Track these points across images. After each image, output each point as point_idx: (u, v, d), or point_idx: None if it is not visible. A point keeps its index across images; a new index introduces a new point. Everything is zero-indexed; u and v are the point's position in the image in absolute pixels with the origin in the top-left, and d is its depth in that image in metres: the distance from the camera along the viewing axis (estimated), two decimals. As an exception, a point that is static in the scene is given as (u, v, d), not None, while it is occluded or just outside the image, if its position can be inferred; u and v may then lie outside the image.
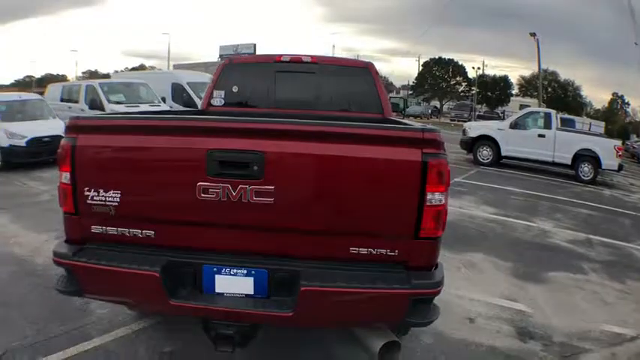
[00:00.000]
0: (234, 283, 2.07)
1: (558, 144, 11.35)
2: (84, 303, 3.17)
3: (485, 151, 12.29)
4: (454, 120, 35.35)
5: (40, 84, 41.87)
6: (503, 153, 11.99)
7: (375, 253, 2.03)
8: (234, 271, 2.07)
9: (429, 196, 1.98)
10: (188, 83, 12.58)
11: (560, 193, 9.34)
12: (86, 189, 2.10)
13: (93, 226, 2.16)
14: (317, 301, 1.96)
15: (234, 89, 4.19)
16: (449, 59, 49.80)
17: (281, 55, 4.14)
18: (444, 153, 2.03)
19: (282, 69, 4.11)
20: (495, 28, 78.76)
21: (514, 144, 11.77)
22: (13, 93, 11.18)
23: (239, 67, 4.27)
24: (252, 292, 2.07)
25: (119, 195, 2.08)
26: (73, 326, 2.97)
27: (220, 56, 40.39)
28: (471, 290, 3.94)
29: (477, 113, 37.91)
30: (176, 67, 39.09)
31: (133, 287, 2.08)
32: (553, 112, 12.58)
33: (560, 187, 10.11)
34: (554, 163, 11.59)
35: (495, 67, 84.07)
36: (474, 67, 47.72)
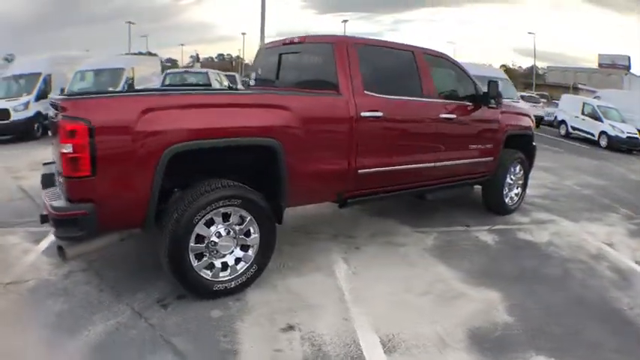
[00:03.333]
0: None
1: None
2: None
3: None
4: None
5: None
6: None
7: None
8: None
9: (60, 145, 2.51)
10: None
11: None
12: None
13: None
14: None
15: (259, 71, 4.68)
16: None
17: (286, 39, 4.30)
18: (79, 117, 2.50)
19: (283, 51, 4.29)
20: None
21: None
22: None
23: (262, 52, 4.74)
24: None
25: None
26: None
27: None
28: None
29: None
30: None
31: None
32: None
33: None
34: None
35: None
36: None
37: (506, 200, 5.22)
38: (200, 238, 2.93)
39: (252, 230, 3.13)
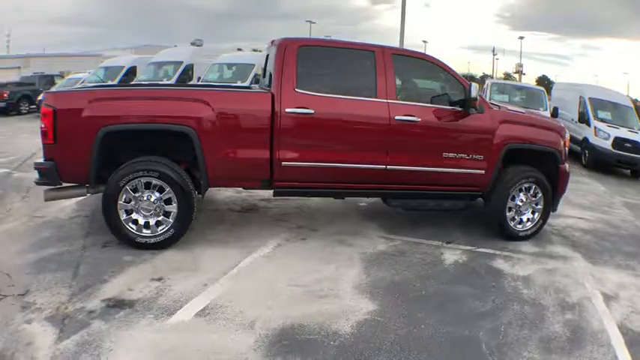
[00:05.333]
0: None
1: None
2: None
3: None
4: None
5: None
6: None
7: None
8: None
9: (40, 122, 3.61)
10: (590, 98, 11.58)
11: None
12: None
13: None
14: None
15: (260, 70, 5.23)
16: None
17: (270, 41, 4.74)
18: (49, 104, 3.58)
19: (268, 52, 4.74)
20: None
21: None
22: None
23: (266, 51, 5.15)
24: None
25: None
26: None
27: None
28: None
29: None
30: None
31: None
32: None
33: None
34: None
35: None
36: None
37: (511, 224, 4.32)
38: (128, 199, 3.75)
39: (172, 200, 3.78)
